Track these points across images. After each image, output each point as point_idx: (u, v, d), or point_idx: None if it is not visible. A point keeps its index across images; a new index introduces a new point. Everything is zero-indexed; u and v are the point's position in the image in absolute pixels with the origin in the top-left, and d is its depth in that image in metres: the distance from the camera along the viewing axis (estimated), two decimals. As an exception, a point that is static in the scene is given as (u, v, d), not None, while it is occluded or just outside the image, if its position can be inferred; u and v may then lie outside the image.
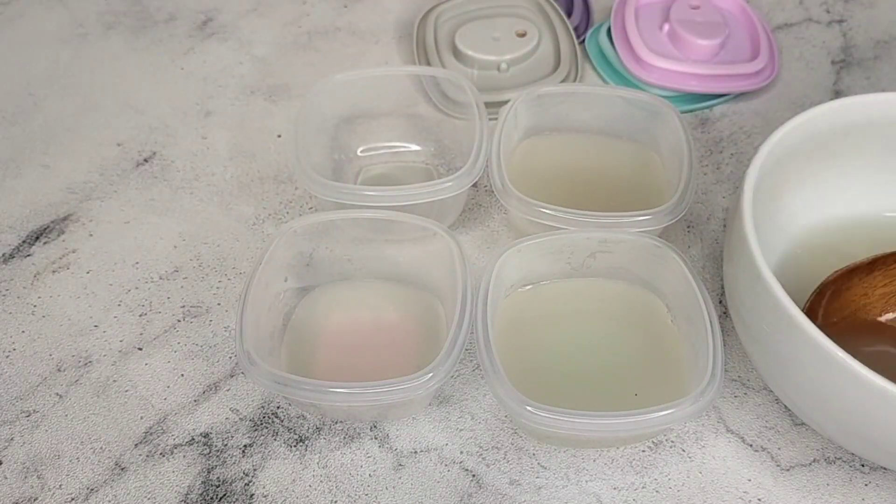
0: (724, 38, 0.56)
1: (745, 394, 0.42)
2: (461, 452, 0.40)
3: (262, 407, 0.42)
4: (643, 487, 0.39)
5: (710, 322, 0.38)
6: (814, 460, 0.40)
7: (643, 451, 0.40)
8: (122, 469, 0.40)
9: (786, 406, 0.41)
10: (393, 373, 0.37)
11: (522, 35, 0.57)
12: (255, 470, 0.40)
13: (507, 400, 0.36)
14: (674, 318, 0.43)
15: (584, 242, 0.43)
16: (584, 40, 0.60)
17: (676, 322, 0.43)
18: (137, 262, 0.48)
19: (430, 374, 0.37)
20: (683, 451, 0.40)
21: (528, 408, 0.36)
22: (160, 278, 0.48)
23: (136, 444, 0.41)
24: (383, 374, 0.37)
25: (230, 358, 0.44)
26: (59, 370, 0.44)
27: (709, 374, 0.36)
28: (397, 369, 0.41)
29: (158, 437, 0.41)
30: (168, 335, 0.45)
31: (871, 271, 0.41)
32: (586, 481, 0.39)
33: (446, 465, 0.40)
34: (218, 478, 0.40)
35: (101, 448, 0.41)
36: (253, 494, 0.39)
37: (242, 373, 0.43)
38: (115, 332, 0.45)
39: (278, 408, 0.42)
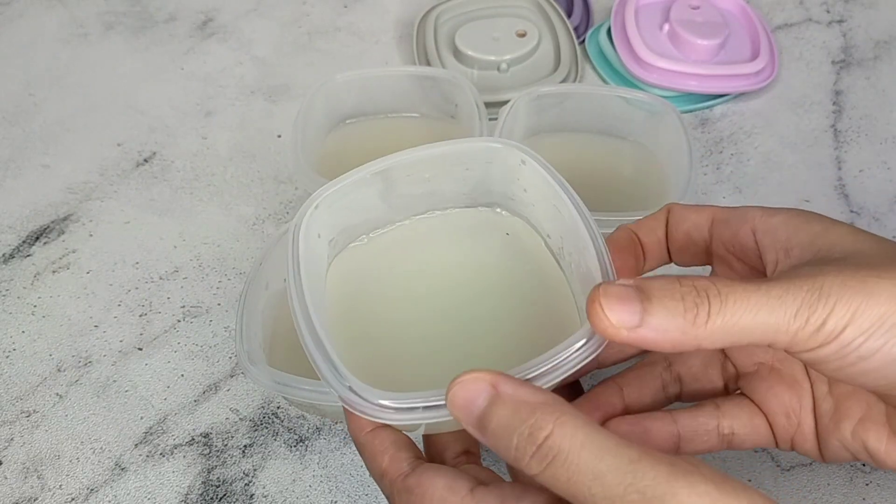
0: (724, 39, 0.56)
1: (746, 394, 0.42)
2: (461, 452, 0.40)
3: (262, 407, 0.42)
4: (643, 487, 0.39)
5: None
6: (814, 460, 0.40)
7: (643, 451, 0.40)
8: (122, 469, 0.40)
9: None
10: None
11: (522, 35, 0.57)
12: (255, 470, 0.40)
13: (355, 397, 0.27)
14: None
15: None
16: (584, 40, 0.60)
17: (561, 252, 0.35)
18: (137, 262, 0.48)
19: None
20: (683, 451, 0.40)
21: (384, 401, 0.27)
22: (160, 278, 0.48)
23: (136, 444, 0.41)
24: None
25: (230, 358, 0.44)
26: (59, 370, 0.44)
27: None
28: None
29: (158, 437, 0.41)
30: (168, 335, 0.45)
31: None
32: (586, 481, 0.39)
33: (446, 465, 0.40)
34: (218, 478, 0.40)
35: (101, 448, 0.41)
36: (253, 494, 0.39)
37: (242, 373, 0.43)
38: (115, 332, 0.45)
39: (278, 408, 0.42)
